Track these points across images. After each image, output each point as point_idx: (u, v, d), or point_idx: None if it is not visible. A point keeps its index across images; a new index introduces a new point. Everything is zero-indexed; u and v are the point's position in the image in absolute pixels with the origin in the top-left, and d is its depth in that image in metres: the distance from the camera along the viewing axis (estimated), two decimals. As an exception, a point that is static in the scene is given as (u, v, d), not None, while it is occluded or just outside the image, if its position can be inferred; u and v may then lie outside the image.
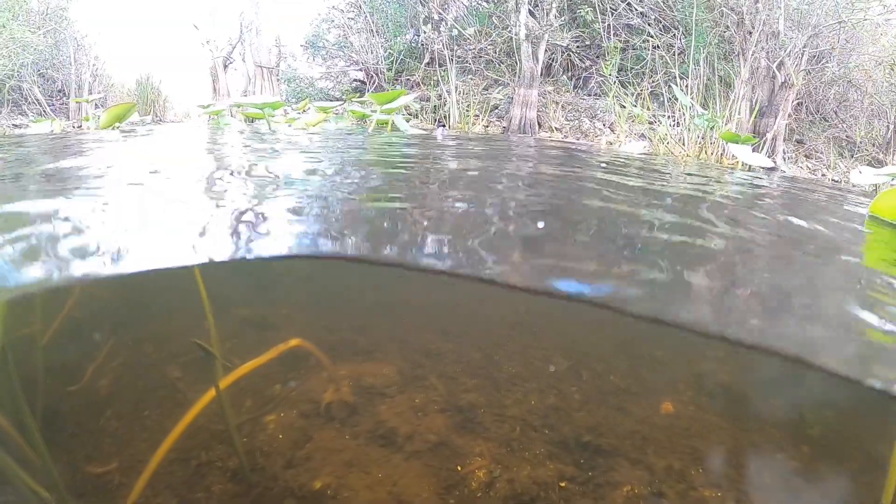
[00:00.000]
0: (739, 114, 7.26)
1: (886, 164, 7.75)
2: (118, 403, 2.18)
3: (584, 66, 9.08)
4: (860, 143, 8.91)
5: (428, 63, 9.07)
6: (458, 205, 2.17)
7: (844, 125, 9.22)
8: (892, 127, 8.29)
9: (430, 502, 1.81)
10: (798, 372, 1.30)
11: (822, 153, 8.62)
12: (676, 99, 6.84)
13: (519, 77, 8.03)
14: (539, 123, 8.05)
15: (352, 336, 2.58)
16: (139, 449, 1.86)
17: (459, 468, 1.93)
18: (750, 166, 4.70)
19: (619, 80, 8.31)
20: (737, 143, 4.56)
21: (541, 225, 1.88)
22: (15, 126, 8.63)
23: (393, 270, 1.53)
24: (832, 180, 7.49)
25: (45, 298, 1.67)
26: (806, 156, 8.66)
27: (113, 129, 4.81)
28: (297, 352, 2.31)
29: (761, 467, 2.07)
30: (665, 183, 3.42)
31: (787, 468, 2.05)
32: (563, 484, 1.89)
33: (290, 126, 5.58)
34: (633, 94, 7.93)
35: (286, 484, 1.87)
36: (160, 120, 10.23)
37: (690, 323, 1.24)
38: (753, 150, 5.14)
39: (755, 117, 7.36)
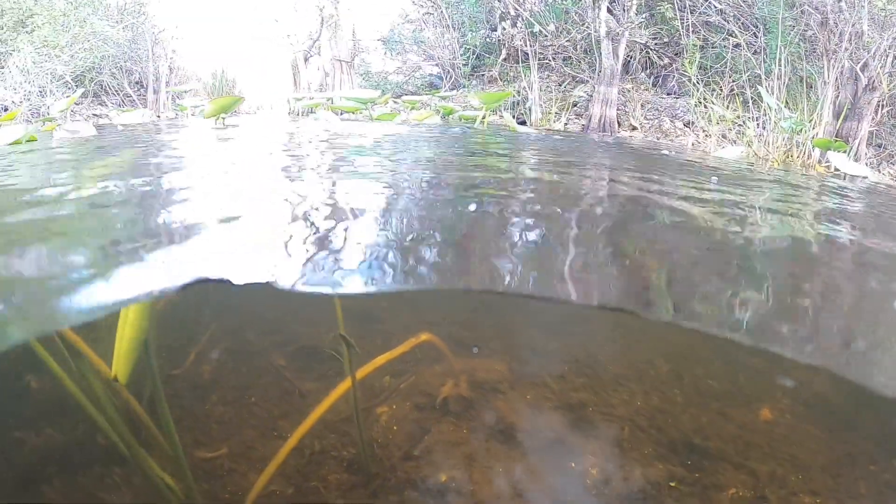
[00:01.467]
0: (823, 117, 7.13)
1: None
2: (223, 389, 2.28)
3: (662, 63, 9.00)
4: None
5: (505, 59, 9.11)
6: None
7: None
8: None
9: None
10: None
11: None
12: (759, 99, 6.75)
13: (599, 74, 8.01)
14: (619, 122, 8.02)
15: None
16: (248, 436, 1.94)
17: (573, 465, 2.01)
18: (845, 175, 4.64)
19: (700, 80, 8.22)
20: (830, 149, 4.50)
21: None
22: (96, 115, 8.94)
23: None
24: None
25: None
26: (889, 161, 8.44)
27: (217, 120, 4.96)
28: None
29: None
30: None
31: None
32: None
33: (390, 121, 5.66)
34: (715, 94, 7.83)
35: (405, 475, 1.94)
36: (235, 112, 10.48)
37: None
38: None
39: (842, 121, 7.20)
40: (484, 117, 5.35)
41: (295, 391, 2.03)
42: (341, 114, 6.43)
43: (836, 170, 4.57)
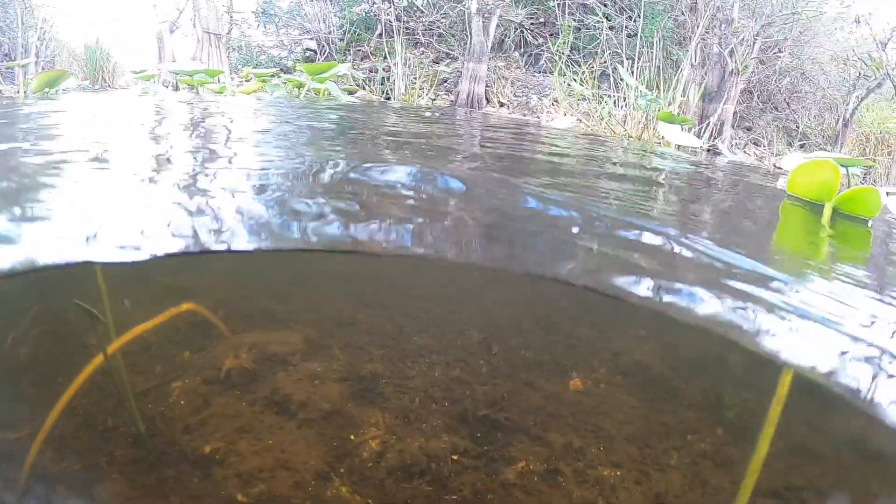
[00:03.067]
0: (687, 98, 7.31)
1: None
2: (34, 372, 2.17)
3: (536, 43, 9.06)
4: (810, 134, 9.06)
5: (380, 35, 8.95)
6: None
7: (795, 116, 9.36)
8: (841, 120, 8.41)
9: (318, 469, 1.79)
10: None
11: (771, 142, 8.74)
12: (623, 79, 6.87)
13: (469, 51, 7.97)
14: (487, 98, 8.02)
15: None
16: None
17: (353, 437, 1.91)
18: (688, 148, 4.73)
19: (571, 59, 8.31)
20: (671, 123, 4.57)
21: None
22: (-47, 90, 8.33)
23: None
24: (774, 166, 7.59)
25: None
26: (754, 143, 8.77)
27: (44, 94, 4.72)
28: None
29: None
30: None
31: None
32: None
33: (220, 94, 5.51)
34: (582, 74, 7.94)
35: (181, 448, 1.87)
36: (108, 86, 9.92)
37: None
38: (691, 133, 5.19)
39: (700, 100, 7.42)
40: (323, 90, 5.26)
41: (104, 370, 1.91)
42: (194, 89, 6.19)
43: (682, 145, 4.64)
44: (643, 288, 1.21)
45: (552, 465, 1.91)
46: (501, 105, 8.04)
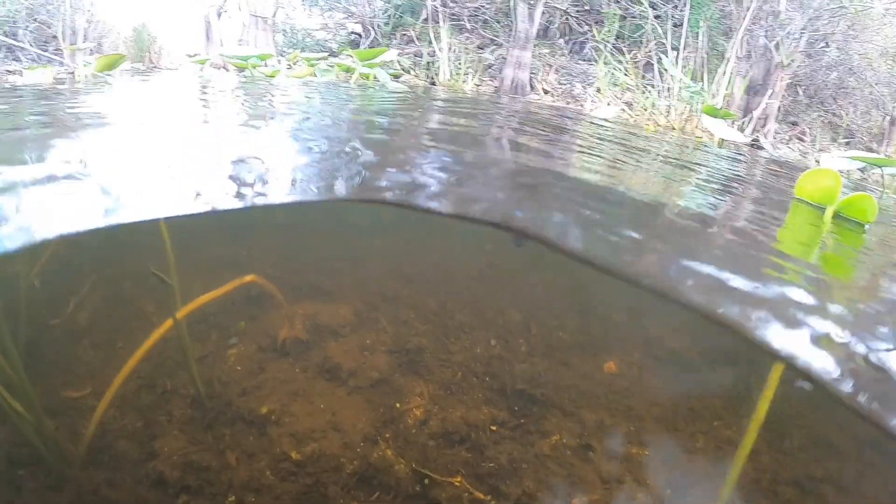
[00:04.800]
0: (731, 90, 7.27)
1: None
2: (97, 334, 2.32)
3: (581, 30, 9.05)
4: (857, 132, 8.92)
5: (425, 19, 9.01)
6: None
7: (842, 112, 9.22)
8: (888, 118, 8.28)
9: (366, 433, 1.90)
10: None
11: (815, 138, 8.64)
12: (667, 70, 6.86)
13: (514, 38, 8.01)
14: (531, 85, 8.05)
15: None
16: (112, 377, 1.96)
17: (398, 405, 2.02)
18: (731, 143, 4.74)
19: (616, 48, 8.30)
20: (715, 116, 4.59)
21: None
22: (9, 72, 8.54)
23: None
24: (816, 162, 7.52)
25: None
26: (799, 139, 8.68)
27: (104, 75, 4.94)
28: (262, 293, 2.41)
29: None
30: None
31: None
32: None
33: (273, 77, 5.64)
34: (626, 63, 7.93)
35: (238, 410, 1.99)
36: (155, 67, 10.10)
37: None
38: (734, 127, 5.19)
39: (745, 93, 7.37)
40: (371, 75, 5.36)
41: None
42: (243, 72, 6.34)
43: (724, 139, 4.67)
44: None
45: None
46: (546, 92, 8.05)
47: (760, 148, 6.92)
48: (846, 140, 8.64)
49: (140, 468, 1.79)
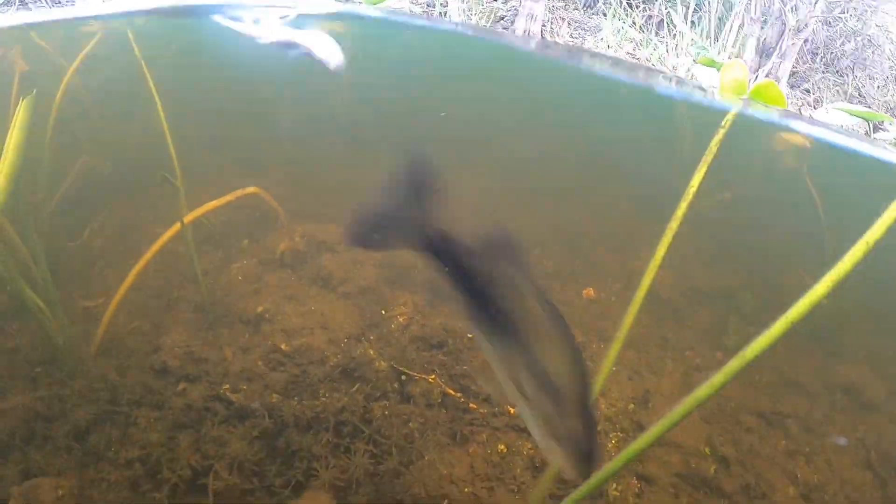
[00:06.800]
0: (741, 51, 7.30)
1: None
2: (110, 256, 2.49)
3: (596, -15, 9.03)
4: (872, 104, 8.90)
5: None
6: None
7: (858, 83, 9.19)
8: (907, 94, 8.25)
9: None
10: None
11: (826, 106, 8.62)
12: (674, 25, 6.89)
13: (527, -10, 8.03)
14: (543, 38, 8.07)
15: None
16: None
17: (384, 311, 2.19)
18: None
19: (628, 4, 8.30)
20: (710, 67, 4.62)
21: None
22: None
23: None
24: (810, 117, 7.54)
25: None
26: (812, 106, 8.66)
27: None
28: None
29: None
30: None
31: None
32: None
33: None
34: (636, 18, 7.94)
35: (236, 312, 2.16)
36: None
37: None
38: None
39: (756, 55, 7.39)
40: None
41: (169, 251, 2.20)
42: None
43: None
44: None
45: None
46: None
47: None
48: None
49: (145, 359, 1.97)
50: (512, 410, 1.88)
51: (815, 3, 7.74)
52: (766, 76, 7.32)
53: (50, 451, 1.65)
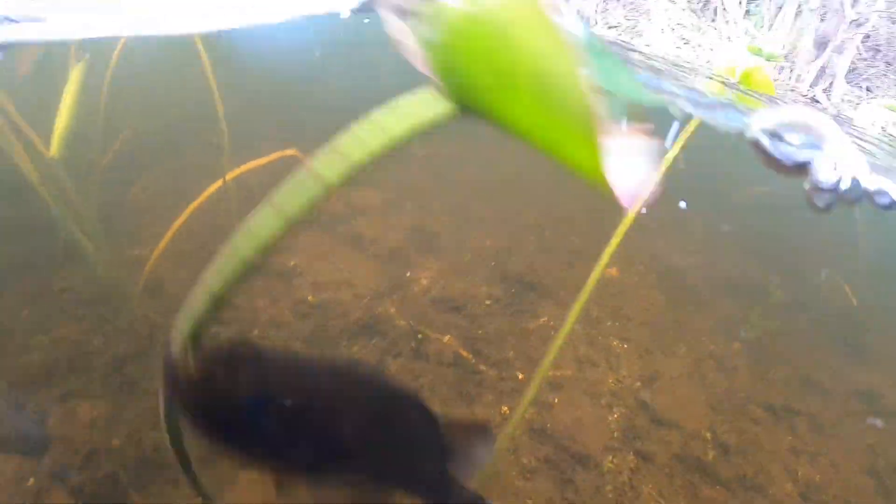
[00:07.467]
0: (797, 42, 7.17)
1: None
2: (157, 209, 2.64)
3: (656, -32, 8.92)
4: (932, 108, 8.65)
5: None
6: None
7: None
8: (971, 102, 8.02)
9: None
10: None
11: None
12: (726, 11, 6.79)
13: (584, -31, 7.97)
14: (595, 21, 8.02)
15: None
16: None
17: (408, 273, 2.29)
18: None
19: (688, -10, 8.19)
20: (756, 56, 4.58)
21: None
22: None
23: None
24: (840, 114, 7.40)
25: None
26: (868, 103, 8.46)
27: None
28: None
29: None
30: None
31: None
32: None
33: None
34: (690, 3, 7.84)
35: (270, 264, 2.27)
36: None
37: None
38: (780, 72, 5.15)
39: (813, 48, 7.26)
40: None
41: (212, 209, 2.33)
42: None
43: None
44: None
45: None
46: (610, 28, 8.03)
47: (815, 101, 6.85)
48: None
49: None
50: (521, 376, 1.97)
51: (879, -1, 7.56)
52: (821, 71, 7.20)
53: (89, 378, 1.79)
